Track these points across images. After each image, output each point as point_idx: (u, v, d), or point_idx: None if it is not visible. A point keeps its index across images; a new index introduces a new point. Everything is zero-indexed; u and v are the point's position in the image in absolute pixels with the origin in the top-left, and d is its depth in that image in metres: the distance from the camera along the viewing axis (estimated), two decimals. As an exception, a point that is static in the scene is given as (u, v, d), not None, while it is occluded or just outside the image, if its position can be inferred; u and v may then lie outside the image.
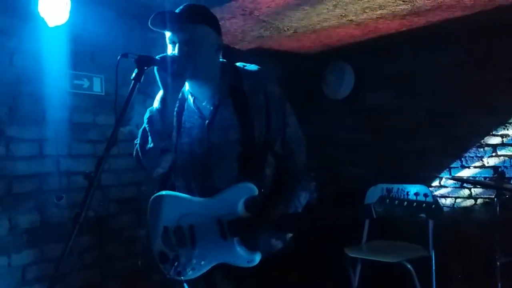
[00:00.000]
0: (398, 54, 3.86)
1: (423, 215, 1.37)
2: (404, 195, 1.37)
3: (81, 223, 1.28)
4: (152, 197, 1.70)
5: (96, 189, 1.31)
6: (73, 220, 1.28)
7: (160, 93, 1.55)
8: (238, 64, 1.65)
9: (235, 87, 1.57)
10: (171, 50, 1.54)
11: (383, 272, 2.88)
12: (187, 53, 1.49)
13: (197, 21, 1.53)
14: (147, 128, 1.54)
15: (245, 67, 1.64)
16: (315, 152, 4.13)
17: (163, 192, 1.68)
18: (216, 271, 1.58)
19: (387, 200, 1.37)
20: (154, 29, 1.52)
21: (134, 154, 1.62)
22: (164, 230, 1.63)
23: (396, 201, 1.36)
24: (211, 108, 1.58)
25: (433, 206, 1.34)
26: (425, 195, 1.34)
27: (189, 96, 1.64)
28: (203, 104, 1.61)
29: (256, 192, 1.51)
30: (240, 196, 1.53)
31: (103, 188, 2.76)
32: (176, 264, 1.59)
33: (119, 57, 1.39)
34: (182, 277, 1.58)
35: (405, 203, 1.35)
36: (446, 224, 3.50)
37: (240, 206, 1.52)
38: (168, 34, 1.54)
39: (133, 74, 1.40)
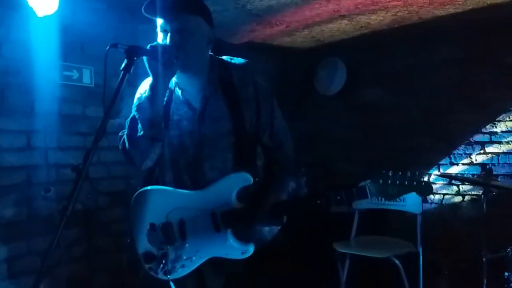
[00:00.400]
0: (391, 50, 3.87)
1: (413, 193, 1.44)
2: (400, 202, 1.43)
3: (69, 216, 1.26)
4: (136, 193, 1.64)
5: (84, 182, 1.29)
6: (60, 213, 1.26)
7: (149, 81, 1.53)
8: (224, 57, 1.65)
9: (224, 79, 1.58)
10: (162, 38, 1.52)
11: (371, 267, 2.90)
12: (179, 43, 1.48)
13: (191, 12, 1.52)
14: (136, 116, 1.51)
15: (232, 60, 1.64)
16: (308, 148, 4.18)
17: (149, 187, 1.63)
18: (205, 267, 1.56)
19: (381, 180, 1.42)
20: (147, 15, 1.51)
21: (120, 146, 1.59)
22: (151, 227, 1.58)
23: (389, 180, 1.42)
24: (202, 100, 1.57)
25: (423, 183, 1.42)
26: (413, 174, 1.43)
27: (177, 88, 1.62)
28: (192, 96, 1.60)
29: (251, 180, 1.51)
30: (234, 186, 1.52)
31: (92, 181, 2.73)
32: (164, 262, 1.54)
33: (108, 48, 1.37)
34: (169, 276, 1.54)
35: (397, 181, 1.42)
36: (434, 220, 3.54)
37: (234, 197, 1.52)
38: (160, 21, 1.52)
39: (123, 65, 1.37)
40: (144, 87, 1.62)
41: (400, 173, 1.43)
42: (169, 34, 1.49)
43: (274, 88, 1.68)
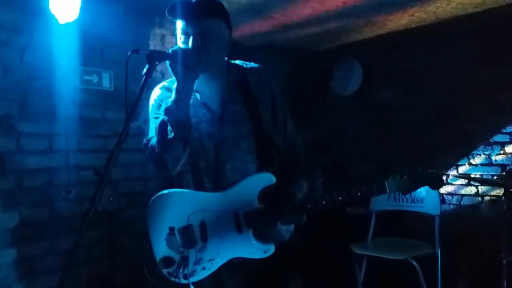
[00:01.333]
0: (407, 50, 3.84)
1: (426, 186, 1.51)
2: (418, 203, 1.49)
3: (91, 218, 1.29)
4: (153, 197, 1.62)
5: (106, 184, 1.32)
6: (83, 215, 1.29)
7: (175, 85, 1.53)
8: (238, 62, 1.68)
9: (241, 82, 1.61)
10: (183, 41, 1.53)
11: (389, 269, 2.89)
12: (201, 46, 1.50)
13: (213, 15, 1.54)
14: (166, 119, 1.49)
15: (247, 65, 1.67)
16: (323, 149, 4.17)
17: (166, 191, 1.62)
18: (223, 269, 1.57)
19: (398, 176, 1.47)
20: (170, 17, 1.53)
21: (147, 153, 1.57)
22: (170, 231, 1.56)
23: (405, 175, 1.49)
24: (221, 102, 1.60)
25: (434, 175, 1.50)
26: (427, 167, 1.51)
27: (195, 92, 1.62)
28: (212, 98, 1.62)
29: (274, 180, 1.53)
30: (257, 186, 1.53)
31: (114, 182, 2.78)
32: (184, 266, 1.54)
33: (129, 53, 1.38)
34: (190, 280, 1.54)
35: (412, 175, 1.49)
36: (452, 222, 3.50)
37: (256, 197, 1.53)
38: (180, 24, 1.54)
39: (144, 70, 1.39)
40: (156, 93, 1.65)
41: (415, 167, 1.50)
42: (191, 37, 1.50)
43: (291, 89, 1.70)
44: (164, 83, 1.69)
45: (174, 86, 1.53)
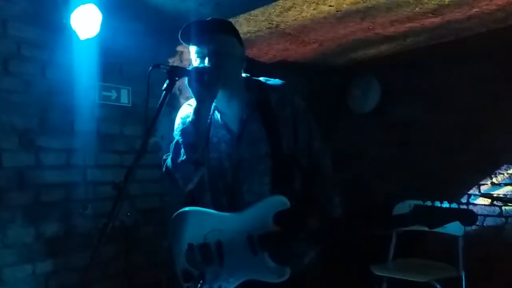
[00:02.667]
0: (427, 67, 3.79)
1: (457, 222, 1.36)
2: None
3: (108, 233, 1.27)
4: (176, 213, 1.67)
5: (124, 200, 1.31)
6: (100, 230, 1.28)
7: (194, 105, 1.55)
8: (261, 78, 1.67)
9: (261, 101, 1.59)
10: (198, 63, 1.55)
11: (410, 292, 2.79)
12: (217, 64, 1.50)
13: (225, 32, 1.55)
14: (180, 140, 1.53)
15: (269, 81, 1.65)
16: (341, 167, 4.09)
17: (187, 208, 1.65)
18: None
19: (424, 210, 1.35)
20: (184, 43, 1.55)
21: (164, 169, 1.60)
22: (189, 247, 1.59)
23: (432, 209, 1.35)
24: (240, 122, 1.59)
25: (467, 212, 1.35)
26: (459, 203, 1.37)
27: (216, 112, 1.64)
28: (231, 118, 1.61)
29: (288, 205, 1.50)
30: (271, 209, 1.51)
31: (131, 198, 2.78)
32: (201, 282, 1.55)
33: (151, 68, 1.41)
34: None
35: (441, 211, 1.35)
36: (475, 243, 3.38)
37: (271, 220, 1.50)
38: (193, 48, 1.56)
39: (164, 85, 1.41)
40: (185, 111, 1.67)
41: (443, 201, 1.37)
42: (206, 58, 1.52)
43: (308, 105, 1.68)
44: (193, 101, 1.70)
45: (192, 106, 1.54)
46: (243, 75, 1.65)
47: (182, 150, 1.51)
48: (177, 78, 1.42)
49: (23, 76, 2.44)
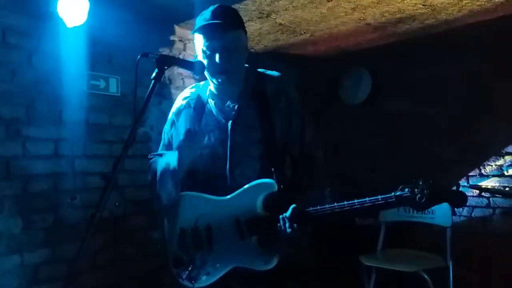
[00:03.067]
0: (417, 59, 3.80)
1: (445, 204, 1.32)
2: (429, 215, 1.35)
3: (96, 223, 1.26)
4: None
5: (112, 190, 1.30)
6: (88, 220, 1.27)
7: (186, 92, 1.66)
8: (259, 69, 1.70)
9: (258, 90, 1.63)
10: (207, 56, 1.56)
11: (399, 282, 2.83)
12: (228, 59, 1.54)
13: (234, 27, 1.57)
14: (156, 180, 1.62)
15: (267, 72, 1.69)
16: (332, 158, 4.10)
17: (182, 193, 1.65)
18: (231, 277, 1.55)
19: (408, 189, 1.32)
20: (196, 33, 1.58)
21: (149, 176, 1.70)
22: (181, 232, 1.61)
23: (419, 189, 1.30)
24: (235, 108, 1.62)
25: (456, 192, 1.29)
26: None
27: (209, 100, 1.67)
28: (226, 104, 1.64)
29: (276, 188, 1.50)
30: (258, 193, 1.51)
31: (120, 188, 2.75)
32: (190, 268, 1.55)
33: (139, 57, 1.40)
34: (195, 284, 1.54)
35: (428, 190, 1.29)
36: (463, 234, 3.42)
37: (259, 204, 1.51)
38: (203, 41, 1.56)
39: (153, 74, 1.40)
40: (177, 105, 1.73)
41: (431, 181, 1.31)
42: (217, 54, 1.53)
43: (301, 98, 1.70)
44: (187, 92, 1.74)
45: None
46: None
47: (157, 186, 1.61)
48: (166, 67, 1.41)
49: (9, 65, 2.40)
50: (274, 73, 1.69)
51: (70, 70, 2.60)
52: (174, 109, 1.74)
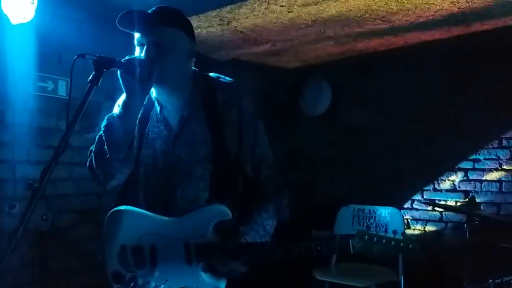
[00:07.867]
0: (377, 73, 3.86)
1: (400, 254, 1.36)
2: (381, 229, 1.33)
3: (19, 238, 1.16)
4: (110, 211, 1.56)
5: (39, 200, 1.20)
6: (11, 234, 1.16)
7: (122, 98, 1.45)
8: (212, 74, 1.56)
9: (207, 99, 1.49)
10: (139, 52, 1.45)
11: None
12: (155, 56, 1.40)
13: (168, 24, 1.44)
14: (103, 137, 1.43)
15: (220, 79, 1.55)
16: (291, 168, 4.10)
17: (123, 207, 1.54)
18: None
19: (366, 237, 1.33)
20: (122, 29, 1.43)
21: (87, 163, 1.50)
22: (121, 248, 1.50)
23: (375, 238, 1.32)
24: (180, 120, 1.49)
25: (411, 246, 1.31)
26: (402, 234, 1.33)
27: (156, 104, 1.53)
28: (171, 114, 1.51)
29: (230, 216, 1.43)
30: (211, 219, 1.44)
31: (47, 199, 2.59)
32: (132, 285, 1.47)
33: (75, 57, 1.31)
34: None
35: (384, 240, 1.32)
36: (416, 247, 3.46)
37: (211, 230, 1.43)
38: (136, 35, 1.46)
39: (90, 77, 1.30)
40: (117, 104, 1.54)
41: (386, 234, 1.34)
42: (145, 47, 1.42)
43: (258, 107, 1.59)
44: None
45: (121, 99, 1.43)
46: (193, 69, 1.54)
47: (106, 147, 1.41)
48: (104, 70, 1.31)
49: None
50: (227, 79, 1.55)
51: (15, 70, 2.45)
52: (120, 100, 1.53)
